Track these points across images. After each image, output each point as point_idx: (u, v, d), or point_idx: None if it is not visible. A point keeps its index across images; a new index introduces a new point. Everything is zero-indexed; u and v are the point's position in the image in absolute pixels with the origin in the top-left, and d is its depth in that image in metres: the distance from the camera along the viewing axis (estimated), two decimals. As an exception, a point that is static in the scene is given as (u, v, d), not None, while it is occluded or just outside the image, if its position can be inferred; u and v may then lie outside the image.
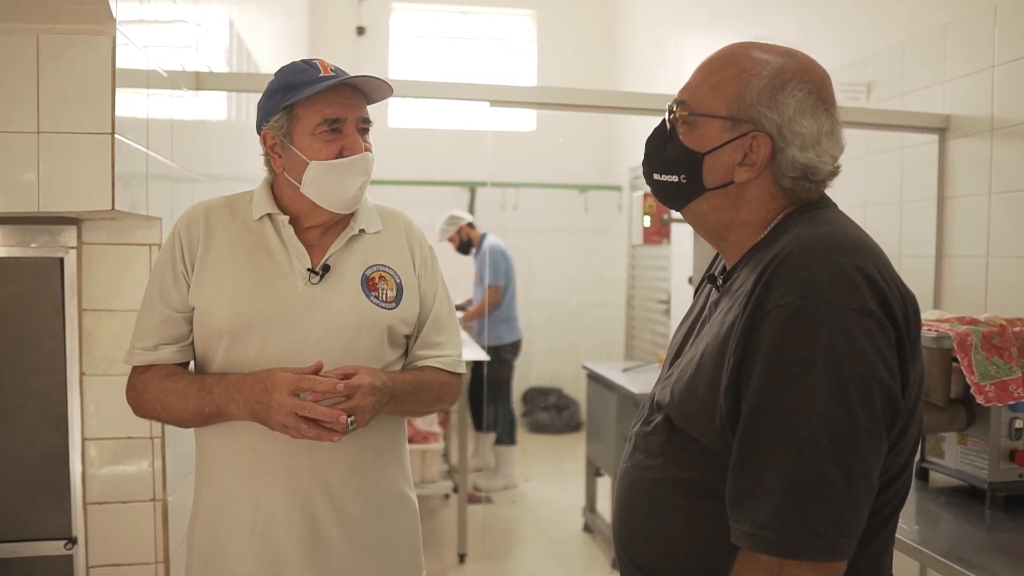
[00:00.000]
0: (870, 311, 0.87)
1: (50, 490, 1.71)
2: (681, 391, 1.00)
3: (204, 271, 1.31)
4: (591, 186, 6.10)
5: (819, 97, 0.98)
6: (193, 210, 1.37)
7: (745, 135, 0.98)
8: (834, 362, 0.85)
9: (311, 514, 1.29)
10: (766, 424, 0.87)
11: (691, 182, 1.02)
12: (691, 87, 1.04)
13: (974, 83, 2.34)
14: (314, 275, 1.31)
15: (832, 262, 0.88)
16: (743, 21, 3.99)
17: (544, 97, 2.43)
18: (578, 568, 3.45)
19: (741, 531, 0.88)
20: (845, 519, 0.85)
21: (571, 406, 5.99)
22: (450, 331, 1.44)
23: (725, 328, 0.95)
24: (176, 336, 1.34)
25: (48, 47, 1.41)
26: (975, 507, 1.64)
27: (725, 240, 1.06)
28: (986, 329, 1.58)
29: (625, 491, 1.09)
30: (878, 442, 0.87)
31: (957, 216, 2.43)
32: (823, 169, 0.99)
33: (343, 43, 5.74)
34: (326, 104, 1.27)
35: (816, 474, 0.84)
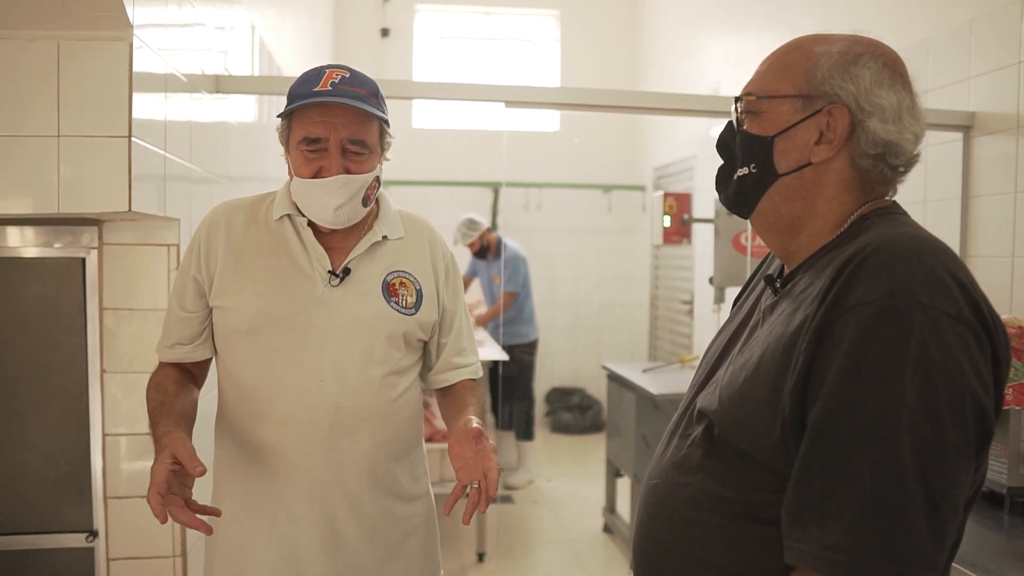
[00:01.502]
0: (965, 318, 0.78)
1: (72, 484, 1.75)
2: (733, 395, 0.91)
3: (225, 273, 1.33)
4: (615, 186, 6.08)
5: (895, 71, 0.92)
6: (215, 212, 1.39)
7: (819, 111, 0.91)
8: (925, 369, 0.76)
9: (330, 514, 1.31)
10: (841, 432, 0.78)
11: (761, 170, 0.95)
12: (755, 78, 0.99)
13: (999, 79, 2.29)
14: (334, 277, 1.31)
15: (924, 262, 0.80)
16: (766, 20, 3.95)
17: (559, 97, 2.44)
18: (597, 568, 3.44)
19: (803, 551, 0.79)
20: (928, 547, 0.75)
21: (594, 406, 5.98)
22: (469, 336, 1.48)
23: (792, 327, 0.86)
24: (190, 336, 1.37)
25: (68, 53, 1.45)
26: (993, 512, 1.61)
27: (795, 240, 0.97)
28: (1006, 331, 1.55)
29: (652, 510, 1.00)
30: (967, 463, 0.78)
31: (982, 215, 2.38)
32: (905, 148, 0.92)
33: (368, 45, 5.79)
34: (309, 122, 1.25)
35: (899, 493, 0.75)
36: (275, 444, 1.30)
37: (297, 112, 1.26)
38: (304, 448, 1.29)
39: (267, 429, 1.30)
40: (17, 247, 1.68)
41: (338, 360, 1.30)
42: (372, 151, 1.30)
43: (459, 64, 6.07)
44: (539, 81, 6.11)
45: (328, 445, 1.29)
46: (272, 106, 2.85)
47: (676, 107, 2.52)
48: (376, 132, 1.30)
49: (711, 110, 2.59)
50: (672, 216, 3.36)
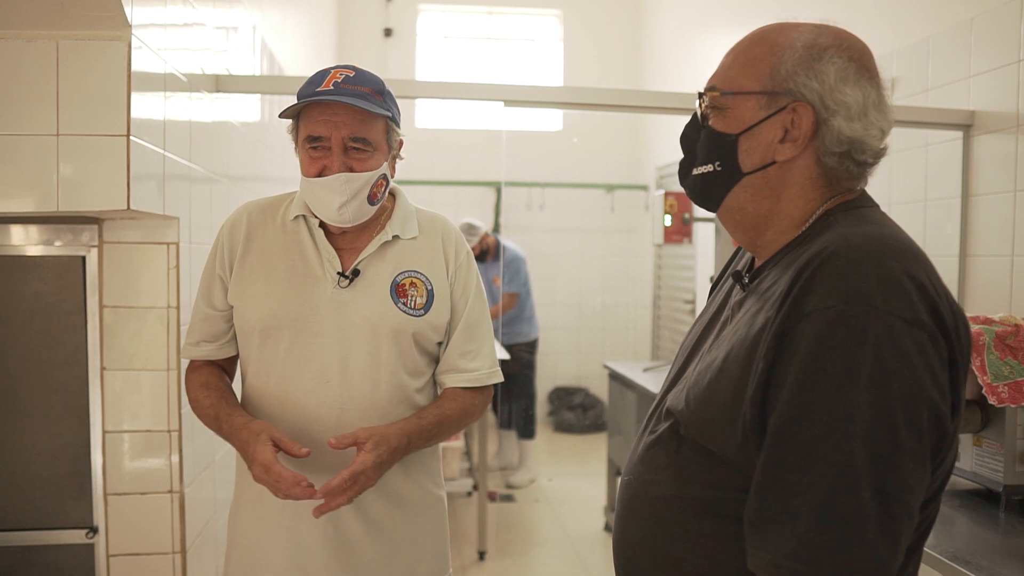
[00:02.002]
0: (922, 322, 0.77)
1: (72, 481, 1.77)
2: (698, 396, 0.91)
3: (243, 271, 1.36)
4: (617, 185, 6.08)
5: (861, 65, 0.91)
6: (238, 211, 1.42)
7: (784, 109, 0.90)
8: (880, 376, 0.76)
9: (334, 513, 1.30)
10: (798, 441, 0.78)
11: (726, 168, 0.94)
12: (720, 71, 0.98)
13: (999, 78, 2.29)
14: (344, 279, 1.33)
15: (881, 266, 0.79)
16: (769, 18, 3.93)
17: (558, 97, 2.44)
18: (597, 567, 3.45)
19: (763, 559, 0.80)
20: (882, 554, 0.75)
21: (596, 406, 5.98)
22: (482, 339, 1.43)
23: (755, 330, 0.86)
24: (215, 333, 1.41)
25: (67, 53, 1.46)
26: (990, 510, 1.61)
27: (761, 237, 0.96)
28: (1000, 329, 1.55)
29: (625, 508, 1.01)
30: (922, 469, 0.78)
31: (982, 214, 2.37)
32: (870, 144, 0.90)
33: (371, 45, 5.80)
34: (312, 121, 1.27)
35: (852, 502, 0.75)
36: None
37: (303, 112, 1.28)
38: (311, 445, 1.30)
39: (281, 423, 1.32)
40: (18, 245, 1.69)
41: (344, 361, 1.31)
42: (376, 149, 1.30)
43: (462, 64, 6.08)
44: (542, 81, 6.11)
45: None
46: (273, 105, 2.86)
47: (676, 106, 2.52)
48: (381, 130, 1.31)
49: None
50: (673, 215, 3.36)
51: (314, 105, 1.26)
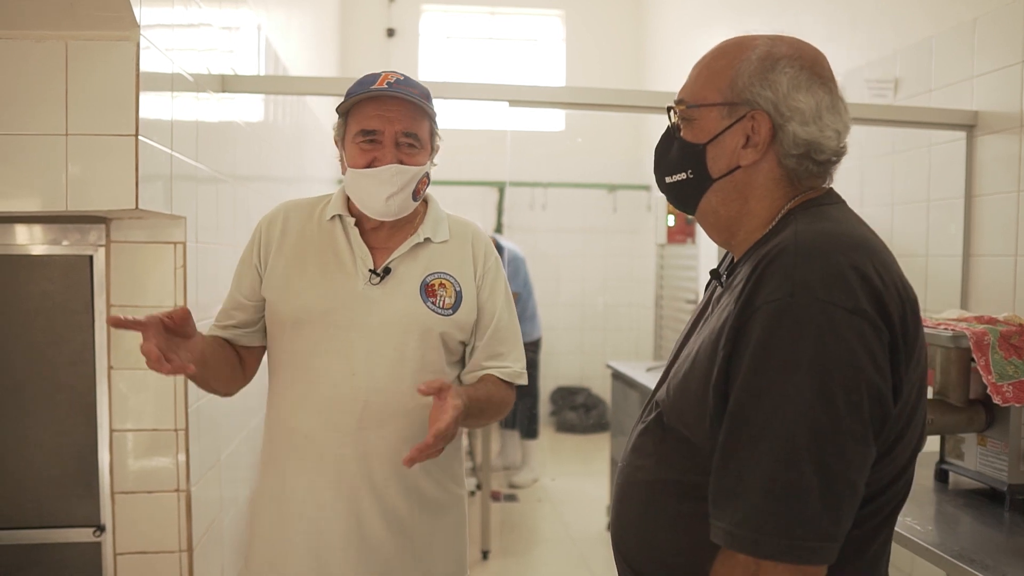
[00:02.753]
0: (862, 311, 0.84)
1: (79, 479, 1.77)
2: (676, 387, 0.99)
3: (277, 265, 1.41)
4: (620, 186, 6.08)
5: (812, 72, 0.97)
6: (276, 209, 1.48)
7: (743, 117, 0.98)
8: (820, 362, 0.83)
9: (355, 506, 1.35)
10: (748, 423, 0.86)
11: (697, 176, 1.02)
12: (687, 85, 1.05)
13: (1003, 79, 2.29)
14: (375, 276, 1.37)
15: (827, 260, 0.86)
16: (770, 18, 3.95)
17: (562, 97, 2.45)
18: (600, 566, 3.45)
19: (719, 528, 0.87)
20: (823, 523, 0.82)
21: (599, 406, 5.99)
22: (512, 342, 1.47)
23: (720, 323, 0.93)
24: (245, 321, 1.46)
25: (76, 53, 1.47)
26: (994, 509, 1.61)
27: (735, 237, 1.04)
28: (1004, 328, 1.55)
29: (619, 491, 1.09)
30: (863, 447, 0.85)
31: (985, 214, 2.38)
32: (827, 145, 0.97)
33: (373, 45, 5.81)
34: (365, 115, 1.34)
35: (794, 476, 0.82)
36: (309, 432, 1.37)
37: (354, 108, 1.35)
38: (334, 437, 1.35)
39: (303, 417, 1.37)
40: (25, 244, 1.70)
41: (370, 356, 1.35)
42: (423, 147, 1.38)
43: (464, 64, 6.09)
44: (544, 81, 6.12)
45: (356, 436, 1.35)
46: (278, 106, 2.87)
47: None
48: (427, 130, 1.39)
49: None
50: (676, 215, 3.36)
51: (367, 101, 1.33)
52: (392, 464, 1.35)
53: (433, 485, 1.41)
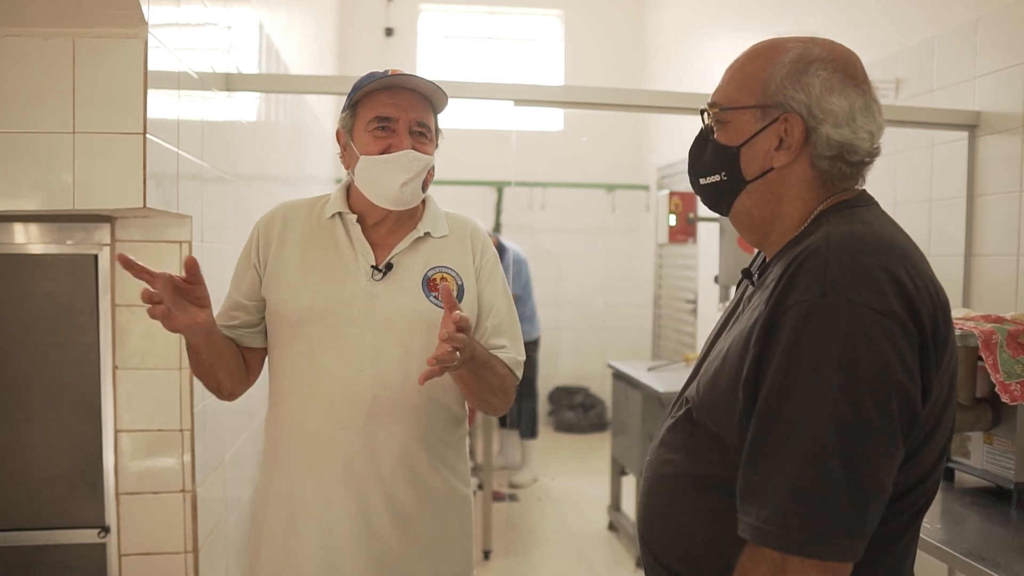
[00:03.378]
0: (892, 312, 0.85)
1: (84, 480, 1.76)
2: (706, 384, 1.01)
3: (277, 265, 1.41)
4: (619, 185, 6.09)
5: (846, 74, 0.98)
6: (274, 209, 1.47)
7: (776, 120, 0.98)
8: (850, 362, 0.83)
9: (364, 503, 1.35)
10: (777, 420, 0.87)
11: (731, 178, 1.03)
12: (720, 88, 1.06)
13: (1005, 79, 2.30)
14: (377, 272, 1.37)
15: (858, 261, 0.87)
16: (770, 18, 3.96)
17: (568, 96, 2.45)
18: (602, 566, 3.45)
19: (747, 524, 0.88)
20: (849, 520, 0.83)
21: (597, 405, 5.99)
22: (511, 336, 1.47)
23: (752, 322, 0.94)
24: (245, 322, 1.44)
25: (83, 50, 1.46)
26: (1001, 507, 1.62)
27: (768, 238, 1.05)
28: (1012, 327, 1.56)
29: (647, 484, 1.10)
30: (891, 446, 0.85)
31: (987, 214, 2.38)
32: (860, 147, 0.98)
33: (372, 44, 5.80)
34: (379, 103, 1.35)
35: (821, 474, 0.83)
36: (316, 430, 1.36)
37: (365, 99, 1.36)
38: (342, 434, 1.35)
39: (309, 416, 1.36)
40: (29, 244, 1.69)
41: (376, 351, 1.35)
42: (431, 139, 1.40)
43: (463, 64, 6.09)
44: (543, 80, 6.12)
45: (364, 432, 1.35)
46: (280, 105, 2.86)
47: (685, 106, 2.53)
48: (434, 122, 1.41)
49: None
50: (678, 215, 3.37)
51: (381, 91, 1.35)
52: (400, 460, 1.36)
53: (441, 482, 1.41)
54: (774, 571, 0.85)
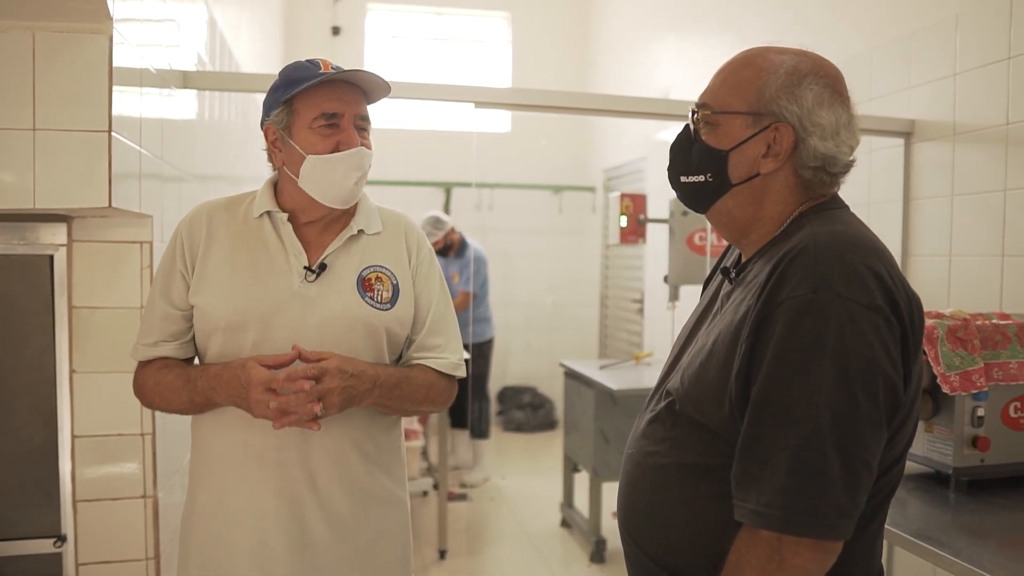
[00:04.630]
0: (878, 307, 0.90)
1: (39, 488, 1.71)
2: (691, 376, 1.04)
3: (205, 269, 1.33)
4: (566, 187, 6.17)
5: (835, 91, 1.03)
6: (196, 210, 1.39)
7: (767, 128, 1.02)
8: (841, 353, 0.89)
9: (298, 511, 1.30)
10: (774, 409, 0.92)
11: (717, 180, 1.07)
12: (711, 90, 1.09)
13: (937, 90, 2.45)
14: (310, 273, 1.32)
15: (844, 259, 0.92)
16: (717, 25, 4.08)
17: (530, 99, 2.48)
18: (557, 562, 3.50)
19: (746, 509, 0.93)
20: (843, 501, 0.89)
21: (545, 404, 6.05)
22: (448, 334, 1.43)
23: (739, 316, 0.99)
24: (175, 333, 1.37)
25: (44, 45, 1.41)
26: (941, 491, 1.72)
27: (747, 237, 1.09)
28: (951, 323, 1.67)
29: (629, 476, 1.14)
30: (878, 431, 0.92)
31: (922, 217, 2.53)
32: (841, 159, 1.03)
33: (318, 43, 5.72)
34: (323, 99, 1.28)
35: (819, 458, 0.89)
36: (246, 439, 1.31)
37: (303, 95, 1.29)
38: (274, 443, 1.30)
39: (239, 425, 1.30)
40: (-21, 244, 1.63)
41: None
42: (368, 132, 1.36)
43: (411, 64, 6.07)
44: (491, 82, 6.15)
45: (298, 441, 1.30)
46: (232, 104, 2.81)
47: (663, 111, 2.62)
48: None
49: (672, 113, 2.68)
50: (629, 216, 3.45)
51: (320, 86, 1.28)
52: (336, 466, 1.32)
53: (376, 486, 1.38)
54: (771, 552, 0.91)
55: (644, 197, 3.53)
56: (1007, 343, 1.67)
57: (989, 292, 2.24)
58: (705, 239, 3.40)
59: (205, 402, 1.30)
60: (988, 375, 1.65)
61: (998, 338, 1.67)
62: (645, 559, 1.10)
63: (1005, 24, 2.18)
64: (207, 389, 1.27)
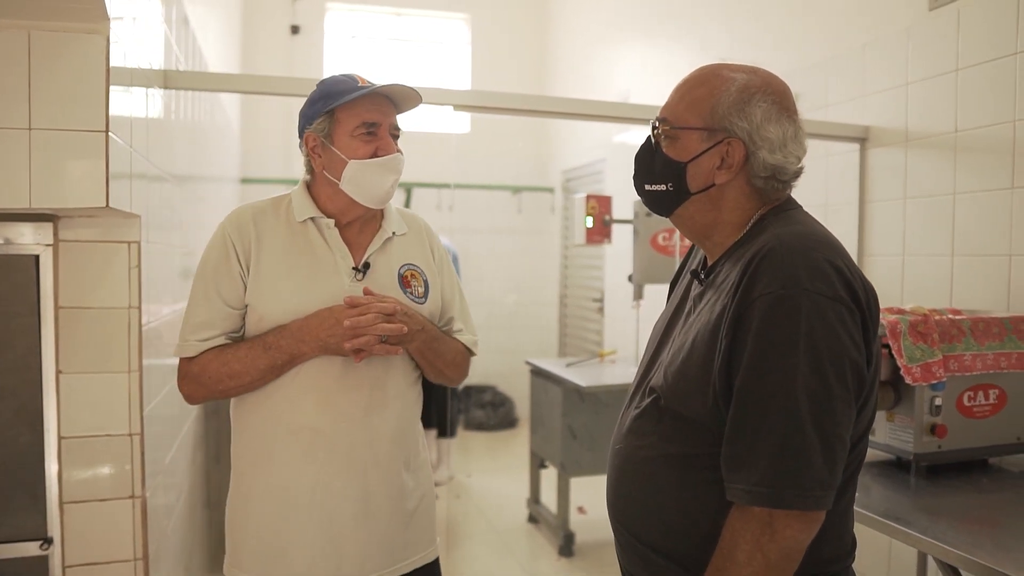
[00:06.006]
0: (840, 297, 1.00)
1: (24, 490, 1.68)
2: (674, 373, 1.12)
3: (259, 271, 1.43)
4: (525, 188, 6.24)
5: (782, 106, 1.12)
6: (239, 213, 1.48)
7: (721, 142, 1.12)
8: (813, 342, 0.98)
9: (365, 484, 1.43)
10: (756, 397, 1.00)
11: (677, 188, 1.16)
12: (670, 106, 1.18)
13: (890, 98, 2.59)
14: (358, 273, 1.45)
15: (808, 257, 1.01)
16: (675, 31, 4.20)
17: (508, 103, 2.53)
18: (526, 557, 3.56)
19: (738, 489, 1.01)
20: (824, 475, 0.99)
21: (506, 403, 6.11)
22: (466, 320, 1.63)
23: (715, 316, 1.08)
24: (232, 329, 1.46)
25: (40, 44, 1.40)
26: (902, 476, 1.85)
27: (709, 239, 1.19)
28: (912, 318, 1.79)
29: (618, 469, 1.22)
30: (849, 409, 1.02)
31: (876, 218, 2.68)
32: (790, 169, 1.13)
33: (277, 41, 5.67)
34: (364, 109, 1.42)
35: (800, 438, 0.98)
36: (316, 425, 1.41)
37: (345, 106, 1.42)
38: (344, 427, 1.41)
39: (304, 412, 1.41)
40: (-40, 244, 1.60)
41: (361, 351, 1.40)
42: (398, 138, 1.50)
43: (370, 64, 6.05)
44: (448, 83, 6.18)
45: (363, 423, 1.42)
46: (203, 103, 2.79)
47: (619, 115, 2.69)
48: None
49: (633, 117, 2.77)
50: (595, 217, 3.53)
51: (361, 98, 1.42)
52: (394, 441, 1.46)
53: (420, 457, 1.55)
54: (763, 527, 0.99)
55: (609, 199, 3.62)
56: (962, 336, 1.80)
57: (940, 289, 2.39)
58: (668, 239, 3.50)
59: (288, 360, 1.39)
60: (946, 366, 1.78)
61: (954, 332, 1.80)
62: (639, 545, 1.17)
63: (953, 38, 2.33)
64: (293, 342, 1.37)
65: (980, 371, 1.82)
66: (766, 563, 0.99)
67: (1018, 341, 1.85)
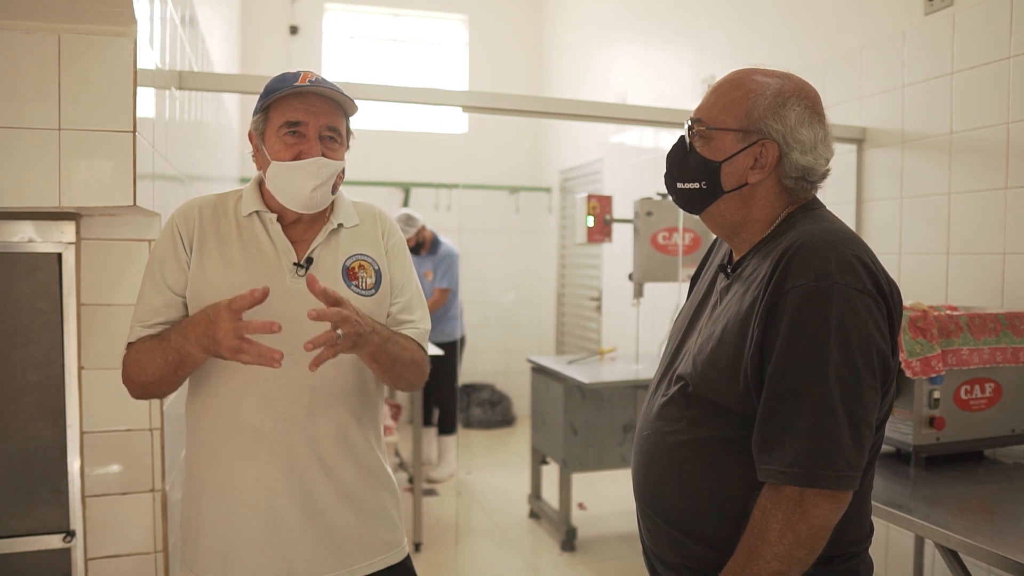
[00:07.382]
0: (868, 290, 1.06)
1: (48, 484, 1.72)
2: (704, 361, 1.17)
3: (201, 261, 1.38)
4: (522, 188, 6.29)
5: (814, 111, 1.18)
6: (188, 205, 1.44)
7: (755, 143, 1.17)
8: (843, 332, 1.04)
9: (308, 484, 1.38)
10: (789, 383, 1.06)
11: (711, 187, 1.21)
12: (705, 107, 1.23)
13: (887, 100, 2.65)
14: (299, 268, 1.40)
15: (838, 252, 1.07)
16: (673, 32, 4.25)
17: (517, 104, 2.57)
18: (528, 551, 3.61)
19: (771, 470, 1.06)
20: (853, 456, 1.05)
21: (503, 401, 6.15)
22: (419, 309, 1.52)
23: (745, 307, 1.13)
24: (176, 318, 1.39)
25: (69, 46, 1.44)
26: (902, 467, 1.90)
27: (738, 236, 1.24)
28: (912, 313, 1.84)
29: (647, 455, 1.26)
30: (875, 394, 1.08)
31: (873, 217, 2.74)
32: (819, 170, 1.19)
33: (276, 42, 5.69)
34: (290, 108, 1.35)
35: (832, 421, 1.03)
36: (256, 424, 1.36)
37: (276, 103, 1.36)
38: (283, 427, 1.36)
39: (245, 410, 1.36)
40: (-15, 242, 1.64)
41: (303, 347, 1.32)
42: (342, 143, 1.42)
43: (369, 65, 6.08)
44: (447, 84, 6.22)
45: (305, 422, 1.38)
46: (209, 103, 2.82)
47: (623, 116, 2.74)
48: (345, 127, 1.43)
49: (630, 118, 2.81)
50: (596, 216, 3.58)
51: (291, 96, 1.35)
52: (340, 441, 1.41)
53: (375, 463, 1.47)
54: (794, 506, 1.05)
55: (610, 198, 3.67)
56: (960, 332, 1.86)
57: (936, 286, 2.45)
58: (668, 239, 3.56)
59: (178, 359, 1.30)
60: (944, 361, 1.84)
61: (952, 327, 1.85)
62: (668, 528, 1.22)
63: (948, 42, 2.39)
64: (179, 340, 1.29)
65: (977, 365, 1.88)
66: (796, 541, 1.04)
67: (1013, 336, 1.91)
